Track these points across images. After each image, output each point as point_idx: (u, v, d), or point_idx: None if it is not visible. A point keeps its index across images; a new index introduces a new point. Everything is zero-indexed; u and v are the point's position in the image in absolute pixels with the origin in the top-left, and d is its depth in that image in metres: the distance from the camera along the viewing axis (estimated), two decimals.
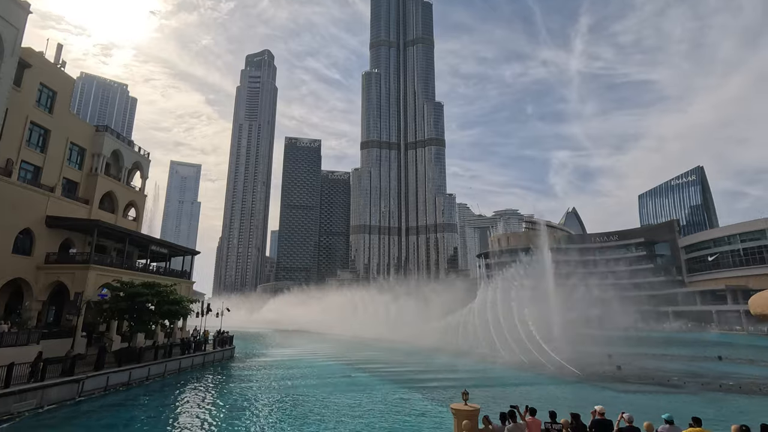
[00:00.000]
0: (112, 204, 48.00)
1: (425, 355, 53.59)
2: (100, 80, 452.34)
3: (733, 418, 14.08)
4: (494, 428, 10.33)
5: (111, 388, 29.45)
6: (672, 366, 43.94)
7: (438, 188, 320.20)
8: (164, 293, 37.73)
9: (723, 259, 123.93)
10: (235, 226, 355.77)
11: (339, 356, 53.41)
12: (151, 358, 35.42)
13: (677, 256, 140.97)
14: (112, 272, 38.85)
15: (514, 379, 36.77)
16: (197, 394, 30.86)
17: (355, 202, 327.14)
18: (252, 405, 27.05)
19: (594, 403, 11.01)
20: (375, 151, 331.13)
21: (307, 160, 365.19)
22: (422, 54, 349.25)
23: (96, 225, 39.29)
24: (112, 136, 47.77)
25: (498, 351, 48.33)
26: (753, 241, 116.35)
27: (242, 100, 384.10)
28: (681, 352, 59.28)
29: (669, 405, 25.52)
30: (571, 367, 38.85)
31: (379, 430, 21.48)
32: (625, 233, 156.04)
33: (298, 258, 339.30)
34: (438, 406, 26.42)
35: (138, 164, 52.74)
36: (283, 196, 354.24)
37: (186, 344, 42.05)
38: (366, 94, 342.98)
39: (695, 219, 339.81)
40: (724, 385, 32.76)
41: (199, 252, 59.15)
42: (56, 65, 41.70)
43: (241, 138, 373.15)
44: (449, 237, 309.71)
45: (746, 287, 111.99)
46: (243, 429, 21.71)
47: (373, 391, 31.19)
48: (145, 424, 22.74)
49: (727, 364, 45.97)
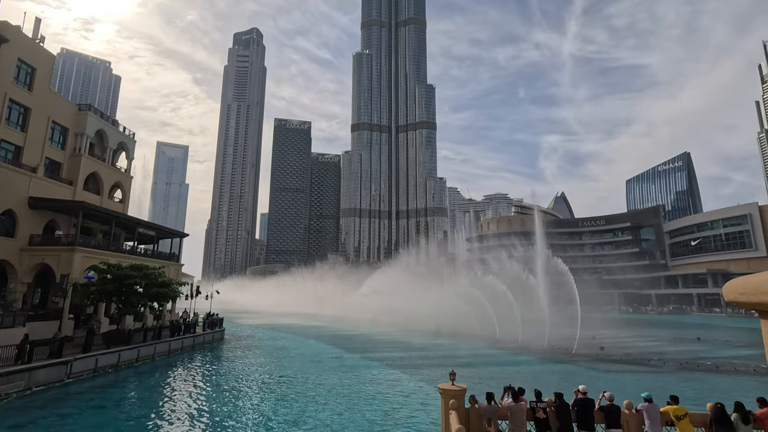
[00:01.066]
0: (97, 185, 47.04)
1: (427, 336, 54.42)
2: (82, 57, 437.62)
3: (709, 396, 14.60)
4: (480, 407, 10.59)
5: (100, 370, 29.42)
6: (653, 346, 45.29)
7: (429, 172, 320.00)
8: (153, 276, 37.46)
9: (705, 243, 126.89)
10: (224, 208, 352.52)
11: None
12: (141, 340, 35.37)
13: (662, 241, 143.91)
14: (99, 254, 38.35)
15: (504, 359, 37.60)
16: (187, 375, 31.02)
17: (345, 185, 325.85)
18: (241, 385, 27.30)
19: (578, 382, 11.32)
20: (366, 134, 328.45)
21: (297, 142, 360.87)
22: (414, 35, 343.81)
23: (81, 206, 38.56)
24: (95, 115, 46.49)
25: (493, 333, 49.35)
26: (735, 226, 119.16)
27: (230, 80, 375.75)
28: (662, 333, 61.06)
29: (648, 384, 26.39)
30: (557, 348, 39.84)
31: (368, 409, 21.88)
32: (612, 218, 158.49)
33: (288, 241, 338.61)
34: (427, 386, 26.96)
35: (123, 145, 51.58)
36: (273, 179, 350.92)
37: (176, 326, 42.03)
38: (357, 75, 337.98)
39: (680, 204, 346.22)
40: (702, 364, 33.94)
41: (188, 234, 58.59)
42: (35, 40, 40.13)
43: (230, 119, 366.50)
44: (439, 221, 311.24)
45: (726, 271, 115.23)
46: (232, 408, 21.95)
47: (362, 372, 31.65)
48: (135, 404, 22.84)
49: (705, 345, 47.55)
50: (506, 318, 51.40)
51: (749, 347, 45.66)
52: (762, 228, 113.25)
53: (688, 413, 9.91)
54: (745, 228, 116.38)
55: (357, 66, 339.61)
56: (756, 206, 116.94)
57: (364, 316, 77.69)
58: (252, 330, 63.79)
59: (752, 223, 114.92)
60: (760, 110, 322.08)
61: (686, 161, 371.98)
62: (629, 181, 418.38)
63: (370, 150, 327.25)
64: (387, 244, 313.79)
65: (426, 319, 61.55)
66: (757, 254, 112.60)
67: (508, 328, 49.45)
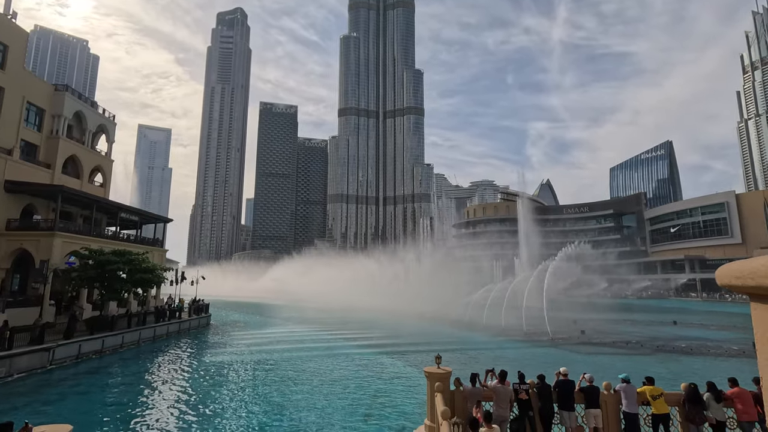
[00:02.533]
0: (77, 169, 45.77)
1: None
2: (57, 35, 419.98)
3: (683, 377, 15.20)
4: (465, 389, 10.84)
5: (83, 356, 29.12)
6: (631, 330, 46.73)
7: (416, 158, 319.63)
8: (136, 261, 36.94)
9: (684, 230, 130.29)
10: (208, 193, 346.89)
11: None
12: (125, 326, 35.04)
13: (642, 228, 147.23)
14: (80, 239, 37.55)
15: (489, 343, 38.38)
16: (172, 360, 30.92)
17: (332, 171, 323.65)
18: (226, 370, 27.36)
19: (560, 364, 11.66)
20: (353, 119, 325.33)
21: (283, 126, 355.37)
22: (402, 18, 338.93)
23: (60, 190, 37.53)
24: (73, 96, 44.93)
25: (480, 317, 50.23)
26: (712, 213, 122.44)
27: (214, 62, 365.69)
28: (640, 317, 62.96)
29: (626, 365, 27.29)
30: (540, 331, 40.80)
31: (355, 392, 22.19)
32: (595, 205, 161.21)
33: (275, 227, 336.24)
34: (414, 369, 27.43)
35: (103, 127, 50.10)
36: (259, 164, 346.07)
37: (160, 312, 41.70)
38: (344, 59, 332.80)
39: (662, 192, 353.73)
40: (677, 347, 35.22)
41: (172, 220, 57.71)
42: (6, 15, 38.34)
43: (214, 102, 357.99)
44: (426, 207, 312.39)
45: (703, 257, 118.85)
46: (218, 393, 22.03)
47: (349, 355, 31.99)
48: (120, 390, 22.74)
49: (680, 328, 49.24)
50: (493, 304, 52.27)
51: (722, 330, 47.51)
52: (738, 216, 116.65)
53: (663, 393, 10.33)
54: (722, 216, 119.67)
55: (344, 49, 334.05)
56: (733, 194, 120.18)
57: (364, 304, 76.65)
58: (239, 316, 63.68)
59: (729, 210, 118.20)
60: (740, 100, 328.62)
61: (668, 150, 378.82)
62: (613, 169, 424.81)
63: (357, 135, 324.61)
64: (374, 230, 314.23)
65: (413, 306, 62.27)
66: (733, 241, 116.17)
67: (495, 313, 50.37)
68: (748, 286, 1.71)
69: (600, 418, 10.34)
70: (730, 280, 1.86)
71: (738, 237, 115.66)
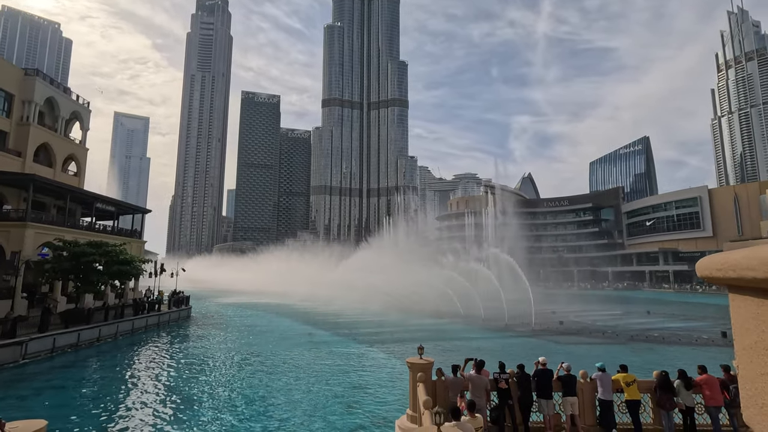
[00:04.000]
0: (49, 157, 44.20)
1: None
2: (27, 16, 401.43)
3: (655, 365, 15.77)
4: (446, 379, 11.03)
5: (58, 350, 28.39)
6: (607, 320, 48.15)
7: (400, 150, 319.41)
8: (113, 253, 36.02)
9: (659, 224, 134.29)
10: (188, 183, 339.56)
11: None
12: (102, 319, 34.26)
13: (620, 221, 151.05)
14: (53, 230, 36.39)
15: (470, 333, 38.98)
16: (151, 353, 30.44)
17: (315, 162, 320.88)
18: (207, 363, 27.10)
19: (539, 354, 11.95)
20: (337, 110, 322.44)
21: (266, 116, 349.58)
22: (387, 9, 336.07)
23: (32, 180, 36.16)
24: (44, 81, 43.23)
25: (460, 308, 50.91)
26: (686, 208, 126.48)
27: (194, 49, 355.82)
28: (616, 308, 64.88)
29: (602, 354, 28.15)
30: (519, 322, 41.65)
31: (338, 383, 22.28)
32: (575, 198, 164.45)
33: (257, 218, 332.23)
34: (396, 360, 27.68)
35: (77, 114, 48.40)
36: (240, 154, 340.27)
37: (139, 305, 40.90)
38: (328, 48, 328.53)
39: (638, 186, 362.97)
40: (650, 336, 36.49)
41: (150, 210, 56.44)
42: None
43: (194, 90, 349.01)
44: (410, 199, 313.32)
45: (676, 249, 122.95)
46: (198, 386, 21.81)
47: (331, 347, 32.06)
48: (97, 384, 22.30)
49: (654, 318, 50.98)
50: (472, 296, 53.01)
51: (692, 320, 49.43)
52: (710, 210, 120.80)
53: (636, 380, 10.74)
54: (695, 210, 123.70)
55: (328, 39, 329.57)
56: (706, 189, 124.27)
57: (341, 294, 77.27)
58: (220, 308, 63.00)
59: (701, 205, 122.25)
60: (715, 98, 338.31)
61: (645, 145, 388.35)
62: (592, 163, 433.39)
63: (341, 126, 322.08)
64: (357, 222, 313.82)
65: (398, 299, 62.59)
66: (705, 234, 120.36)
67: (472, 304, 51.12)
68: (729, 278, 1.79)
69: (576, 406, 10.69)
70: (711, 272, 1.93)
71: (709, 230, 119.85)
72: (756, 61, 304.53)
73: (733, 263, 1.71)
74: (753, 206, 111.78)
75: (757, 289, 1.68)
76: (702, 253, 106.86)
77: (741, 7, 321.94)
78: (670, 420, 10.28)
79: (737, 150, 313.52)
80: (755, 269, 1.56)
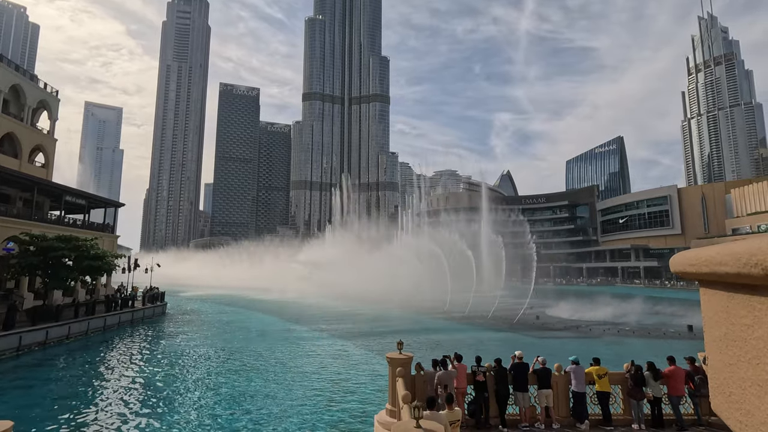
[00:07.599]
0: (14, 147, 42.29)
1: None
2: None
3: (626, 357, 16.33)
4: (426, 373, 11.12)
5: (25, 348, 27.31)
6: (581, 315, 49.48)
7: (381, 146, 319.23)
8: (83, 248, 34.81)
9: (631, 221, 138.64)
10: (164, 177, 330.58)
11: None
12: (72, 316, 33.11)
13: (594, 218, 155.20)
14: (19, 224, 34.93)
15: (448, 328, 39.43)
16: (124, 351, 29.63)
17: (295, 157, 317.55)
18: (183, 360, 26.58)
19: (515, 348, 12.19)
20: (318, 104, 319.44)
21: (245, 109, 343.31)
22: (369, 3, 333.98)
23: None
24: (9, 68, 41.26)
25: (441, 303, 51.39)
26: (657, 206, 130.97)
27: (170, 38, 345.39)
28: (589, 303, 66.66)
29: (576, 348, 28.94)
30: (496, 317, 42.38)
31: (317, 379, 22.20)
32: (551, 196, 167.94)
33: (235, 213, 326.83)
34: (374, 355, 27.77)
35: (44, 103, 46.44)
36: (218, 147, 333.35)
37: (111, 301, 39.71)
38: (309, 42, 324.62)
39: (613, 185, 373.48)
40: (621, 330, 37.74)
41: (123, 204, 54.73)
42: None
43: (170, 81, 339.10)
44: (390, 195, 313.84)
45: (647, 246, 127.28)
46: (173, 384, 21.37)
47: (310, 343, 31.92)
48: (65, 383, 21.57)
49: (625, 312, 52.60)
50: (452, 290, 53.66)
51: (660, 314, 51.28)
52: (679, 208, 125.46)
53: (608, 372, 11.13)
54: (665, 208, 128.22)
55: (309, 32, 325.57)
56: (675, 188, 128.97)
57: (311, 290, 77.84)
58: (196, 304, 61.81)
59: (671, 203, 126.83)
60: (685, 100, 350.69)
61: (619, 145, 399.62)
62: (569, 162, 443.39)
63: (322, 121, 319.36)
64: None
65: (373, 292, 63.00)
66: (674, 231, 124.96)
67: (453, 298, 51.76)
68: (701, 273, 1.86)
69: (551, 398, 10.98)
70: (684, 267, 2.01)
71: (678, 228, 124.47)
72: (724, 66, 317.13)
73: (705, 259, 1.77)
74: (719, 205, 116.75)
75: (727, 283, 1.74)
76: (671, 250, 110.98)
77: (711, 13, 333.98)
78: (640, 409, 10.73)
79: (705, 151, 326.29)
80: (727, 264, 1.62)
